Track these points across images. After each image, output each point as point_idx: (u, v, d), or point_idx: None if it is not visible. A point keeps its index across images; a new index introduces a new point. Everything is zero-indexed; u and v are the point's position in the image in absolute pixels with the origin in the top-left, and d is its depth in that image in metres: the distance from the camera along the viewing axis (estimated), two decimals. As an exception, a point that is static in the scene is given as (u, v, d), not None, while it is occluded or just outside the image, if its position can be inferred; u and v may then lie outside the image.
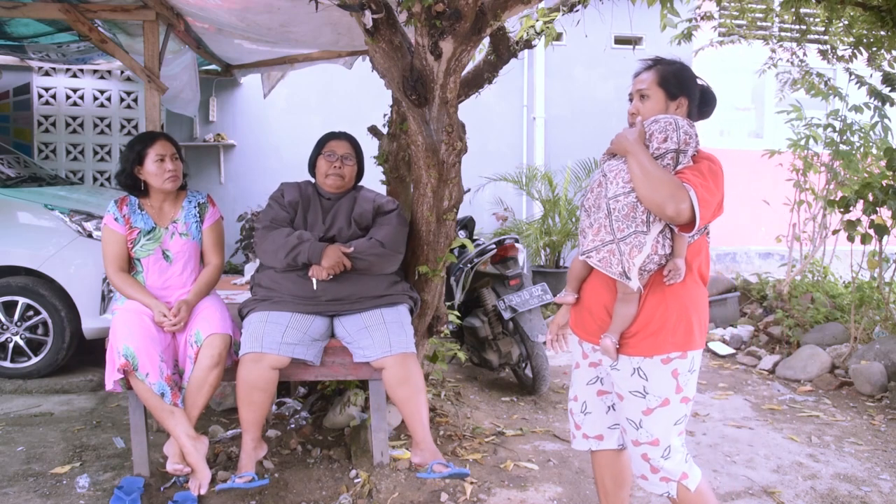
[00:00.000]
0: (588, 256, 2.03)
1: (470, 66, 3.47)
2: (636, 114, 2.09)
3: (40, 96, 7.11)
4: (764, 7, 5.10)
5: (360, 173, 3.19)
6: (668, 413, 2.05)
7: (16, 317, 4.10)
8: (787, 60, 5.46)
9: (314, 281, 2.87)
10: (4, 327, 4.11)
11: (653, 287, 2.04)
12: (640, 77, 2.11)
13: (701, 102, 2.13)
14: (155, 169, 2.94)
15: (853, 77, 4.95)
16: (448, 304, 3.80)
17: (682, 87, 2.07)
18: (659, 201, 1.88)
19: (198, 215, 3.07)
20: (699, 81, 2.13)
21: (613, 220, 1.97)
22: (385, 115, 3.55)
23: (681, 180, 1.91)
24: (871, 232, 4.63)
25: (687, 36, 5.22)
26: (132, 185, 3.00)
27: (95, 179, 7.27)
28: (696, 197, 1.88)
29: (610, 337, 2.06)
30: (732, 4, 5.20)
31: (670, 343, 2.03)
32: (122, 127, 7.30)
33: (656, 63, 2.10)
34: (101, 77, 7.20)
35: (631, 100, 2.13)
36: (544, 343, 4.17)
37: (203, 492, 2.71)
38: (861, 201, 4.61)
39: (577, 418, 2.31)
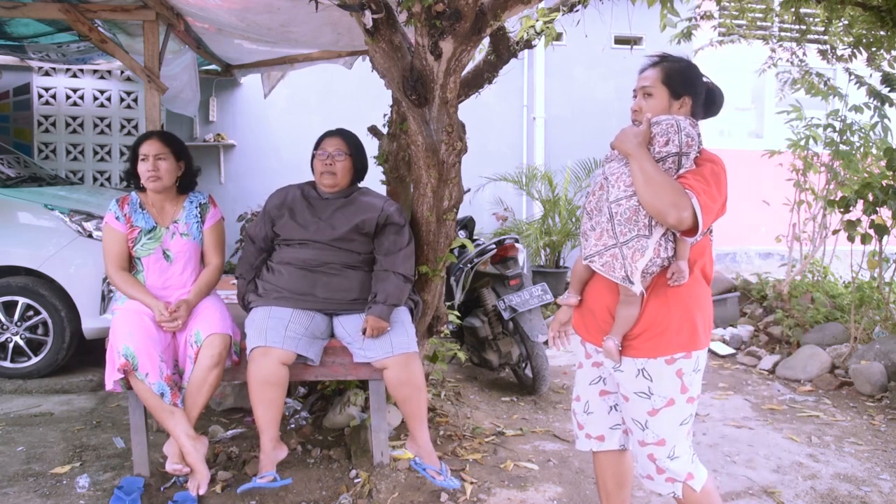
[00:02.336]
0: (591, 261, 2.02)
1: (470, 66, 3.47)
2: (639, 111, 2.04)
3: (40, 96, 7.11)
4: (764, 7, 5.10)
5: (360, 171, 3.11)
6: (674, 413, 2.05)
7: (16, 317, 4.10)
8: (787, 60, 5.46)
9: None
10: (4, 327, 4.11)
11: (655, 289, 2.02)
12: (645, 74, 2.06)
13: (707, 101, 2.09)
14: (140, 168, 2.95)
15: (853, 77, 4.95)
16: (448, 304, 3.80)
17: (687, 86, 2.02)
18: (661, 208, 1.85)
19: (199, 216, 3.07)
20: (705, 80, 2.09)
21: (616, 224, 1.95)
22: (385, 115, 3.55)
23: (683, 186, 1.88)
24: (871, 232, 4.63)
25: (687, 35, 5.22)
26: (135, 182, 3.02)
27: (95, 179, 7.27)
28: (699, 204, 1.85)
29: (612, 339, 2.04)
30: (732, 4, 5.20)
31: (675, 344, 2.01)
32: (122, 127, 7.29)
33: (662, 60, 2.05)
34: (101, 77, 7.19)
35: (635, 96, 2.08)
36: (545, 342, 4.18)
37: (202, 492, 2.72)
38: (861, 201, 4.61)
39: (579, 418, 2.30)
